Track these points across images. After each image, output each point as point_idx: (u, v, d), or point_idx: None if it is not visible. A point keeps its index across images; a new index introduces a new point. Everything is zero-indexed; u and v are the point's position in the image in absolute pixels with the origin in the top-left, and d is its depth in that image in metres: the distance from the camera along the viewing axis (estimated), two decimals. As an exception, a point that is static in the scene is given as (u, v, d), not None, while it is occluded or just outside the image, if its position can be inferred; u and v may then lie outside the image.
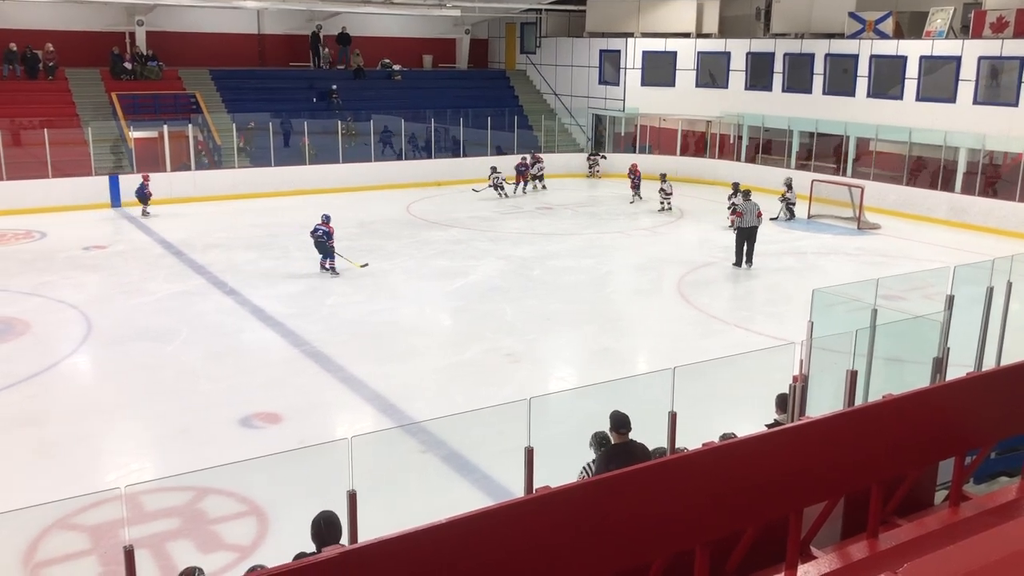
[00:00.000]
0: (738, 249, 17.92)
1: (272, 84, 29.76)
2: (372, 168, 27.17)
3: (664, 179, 23.92)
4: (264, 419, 10.48)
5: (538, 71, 34.08)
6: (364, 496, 5.17)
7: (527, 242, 20.02)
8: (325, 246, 16.23)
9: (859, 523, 5.13)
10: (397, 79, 31.90)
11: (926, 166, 24.78)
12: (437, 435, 9.50)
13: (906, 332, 8.01)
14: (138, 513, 7.82)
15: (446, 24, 33.88)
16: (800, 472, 4.63)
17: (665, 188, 23.67)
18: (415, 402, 10.94)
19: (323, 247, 16.23)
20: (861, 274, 16.98)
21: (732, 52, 29.30)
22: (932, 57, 24.07)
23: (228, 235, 20.34)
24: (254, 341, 13.32)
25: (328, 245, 16.29)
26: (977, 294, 8.17)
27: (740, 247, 17.88)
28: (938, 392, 5.74)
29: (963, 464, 5.57)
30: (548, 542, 3.85)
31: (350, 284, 16.19)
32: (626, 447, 6.68)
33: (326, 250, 16.26)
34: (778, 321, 14.32)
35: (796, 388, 7.14)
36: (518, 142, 30.01)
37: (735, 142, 29.52)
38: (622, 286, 17.46)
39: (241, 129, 26.07)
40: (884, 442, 5.01)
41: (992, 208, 22.11)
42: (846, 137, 25.95)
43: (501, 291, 16.17)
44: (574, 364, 13.11)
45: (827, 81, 26.80)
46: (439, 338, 13.86)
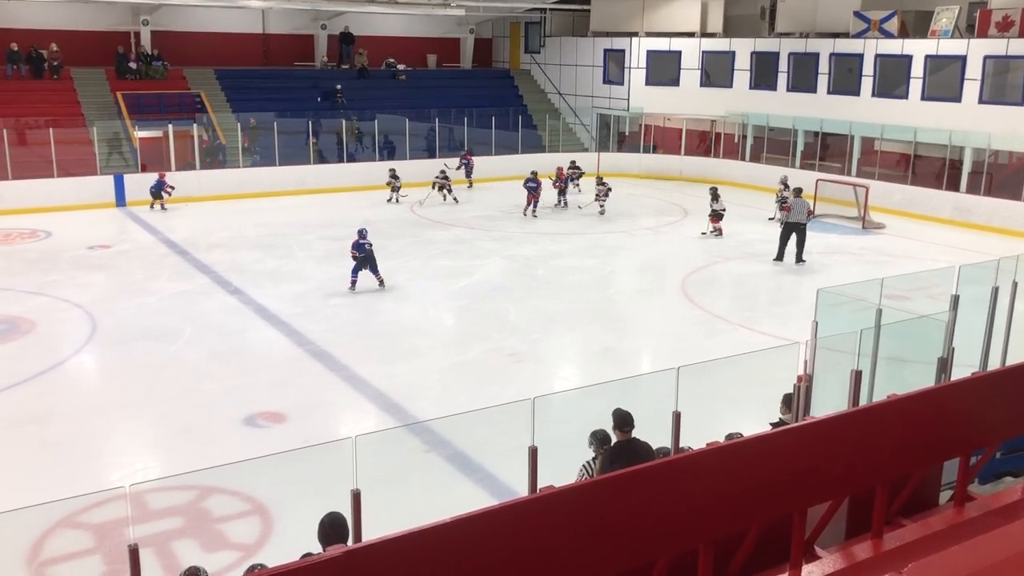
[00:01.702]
0: (782, 244, 18.15)
1: (276, 84, 29.80)
2: (376, 168, 27.17)
3: (601, 181, 23.38)
4: (268, 418, 10.49)
5: (542, 71, 34.07)
6: (368, 495, 5.17)
7: (531, 242, 20.01)
8: (372, 259, 15.60)
9: (864, 523, 5.12)
10: (401, 79, 31.91)
11: (930, 166, 24.74)
12: (441, 435, 9.51)
13: (911, 332, 7.99)
14: (142, 512, 7.83)
15: (450, 23, 33.88)
16: (804, 472, 4.63)
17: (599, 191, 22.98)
18: (419, 401, 10.94)
19: (372, 260, 15.58)
20: (866, 274, 16.96)
21: (736, 51, 29.26)
22: (937, 56, 24.02)
23: (232, 234, 20.37)
24: (258, 340, 13.33)
25: (374, 257, 15.68)
26: (982, 294, 8.14)
27: (784, 242, 18.12)
28: (943, 392, 5.73)
29: (968, 464, 5.55)
30: (552, 541, 3.85)
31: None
32: (629, 445, 6.67)
33: (374, 263, 15.62)
34: (782, 321, 14.30)
35: (800, 388, 7.13)
36: (522, 142, 30.00)
37: (739, 142, 29.48)
38: (625, 286, 17.44)
39: (245, 128, 26.10)
40: (889, 442, 5.00)
41: (997, 208, 22.05)
42: (851, 136, 25.89)
43: (505, 291, 16.17)
44: (578, 364, 13.11)
45: (832, 80, 26.76)
46: (443, 338, 13.87)
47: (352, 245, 15.59)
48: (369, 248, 15.52)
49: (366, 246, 15.50)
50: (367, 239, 15.60)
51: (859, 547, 4.99)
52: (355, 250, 15.53)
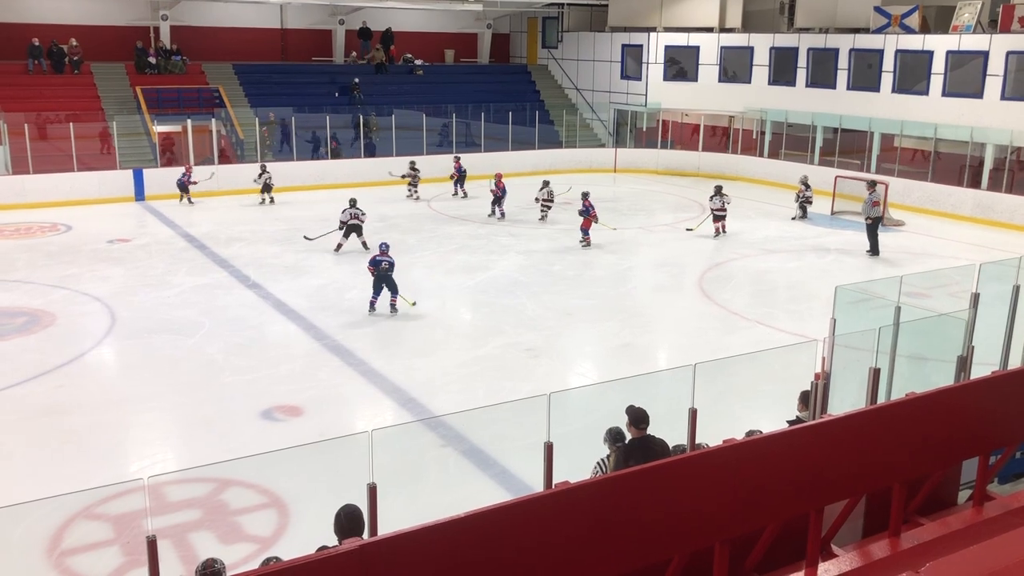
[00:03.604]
0: (875, 238, 18.62)
1: (294, 79, 29.91)
2: (392, 162, 27.20)
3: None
4: (285, 412, 10.55)
5: (560, 66, 33.99)
6: (384, 489, 5.19)
7: (548, 237, 19.99)
8: (391, 279, 14.11)
9: (881, 522, 5.09)
10: (419, 73, 31.94)
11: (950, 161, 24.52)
12: (457, 429, 9.53)
13: (930, 330, 7.93)
14: (160, 504, 7.89)
15: (468, 19, 33.88)
16: (822, 470, 4.61)
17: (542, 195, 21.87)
18: (436, 396, 10.97)
19: (389, 280, 14.08)
20: (885, 271, 16.85)
21: (755, 47, 29.08)
22: (959, 52, 23.78)
23: (251, 229, 20.47)
24: (276, 334, 13.40)
25: (393, 277, 14.17)
26: (1003, 292, 8.07)
27: (874, 235, 18.64)
28: (962, 391, 5.69)
29: (987, 464, 5.51)
30: (567, 537, 3.85)
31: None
32: (644, 442, 6.66)
33: (392, 283, 14.15)
34: (800, 318, 14.23)
35: (818, 386, 7.09)
36: (539, 137, 29.97)
37: (758, 138, 29.31)
38: (643, 282, 17.40)
39: (264, 123, 26.22)
40: (907, 441, 4.97)
41: (1019, 205, 21.82)
42: (870, 133, 25.69)
43: (522, 286, 16.17)
44: (594, 359, 13.09)
45: (851, 76, 26.55)
46: (460, 332, 13.89)
47: (369, 260, 14.40)
48: (386, 267, 14.02)
49: (383, 264, 14.03)
50: (387, 256, 14.13)
51: (876, 546, 4.97)
52: (371, 266, 14.19)
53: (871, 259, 18.32)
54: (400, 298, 14.21)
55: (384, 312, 14.10)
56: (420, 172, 24.39)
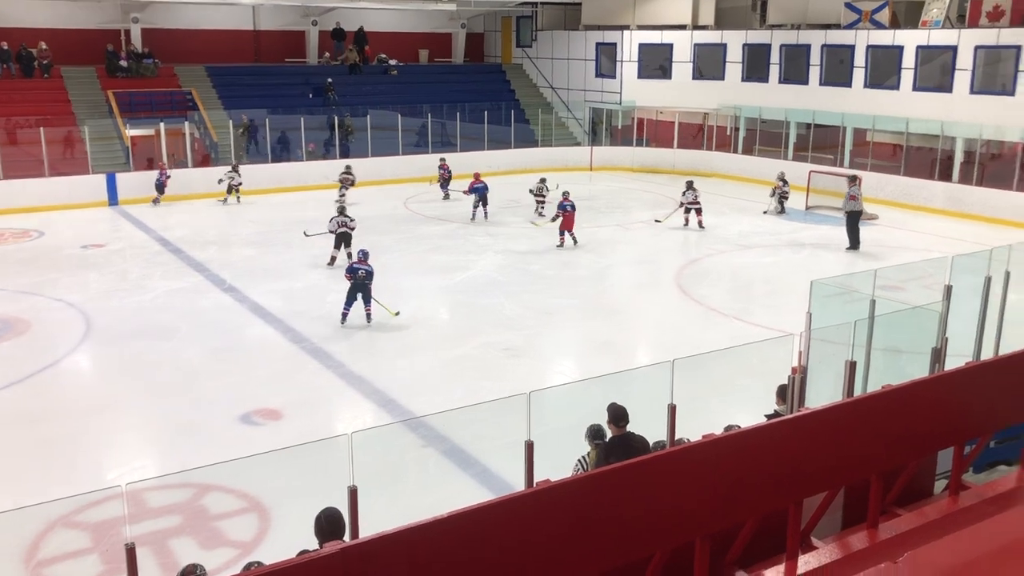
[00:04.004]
0: (853, 232, 18.80)
1: (268, 80, 29.72)
2: (369, 163, 27.15)
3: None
4: (265, 415, 10.49)
5: (534, 65, 34.02)
6: (365, 491, 5.18)
7: (525, 236, 20.01)
8: (367, 288, 13.56)
9: (859, 513, 5.15)
10: (393, 74, 31.86)
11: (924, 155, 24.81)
12: (437, 430, 9.52)
13: (904, 322, 8.02)
14: (139, 510, 7.83)
15: (442, 18, 33.83)
16: (800, 463, 4.65)
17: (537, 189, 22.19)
18: (415, 397, 10.95)
19: (365, 289, 13.52)
20: (859, 265, 17.01)
21: (728, 44, 29.25)
22: (928, 47, 24.05)
23: (226, 232, 20.34)
24: (254, 338, 13.32)
25: (370, 287, 13.61)
26: (975, 284, 8.17)
27: (852, 229, 18.81)
28: (937, 382, 5.76)
29: (962, 454, 5.58)
30: (549, 535, 3.86)
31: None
32: (624, 440, 6.69)
33: (367, 293, 13.58)
34: (777, 312, 14.32)
35: (795, 380, 7.15)
36: (515, 136, 29.99)
37: (732, 134, 29.49)
38: (621, 279, 17.46)
39: (238, 125, 26.04)
40: (883, 432, 5.02)
41: (989, 197, 22.11)
42: (843, 128, 25.92)
43: (500, 285, 16.17)
44: (574, 357, 13.12)
45: (824, 72, 26.78)
46: (438, 333, 13.87)
47: (347, 268, 13.90)
48: (363, 276, 13.49)
49: (360, 272, 13.49)
50: (366, 264, 13.60)
51: (855, 537, 5.02)
52: (348, 274, 13.67)
53: (846, 253, 18.49)
54: (382, 307, 13.79)
55: (359, 322, 13.66)
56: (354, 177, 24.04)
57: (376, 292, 13.66)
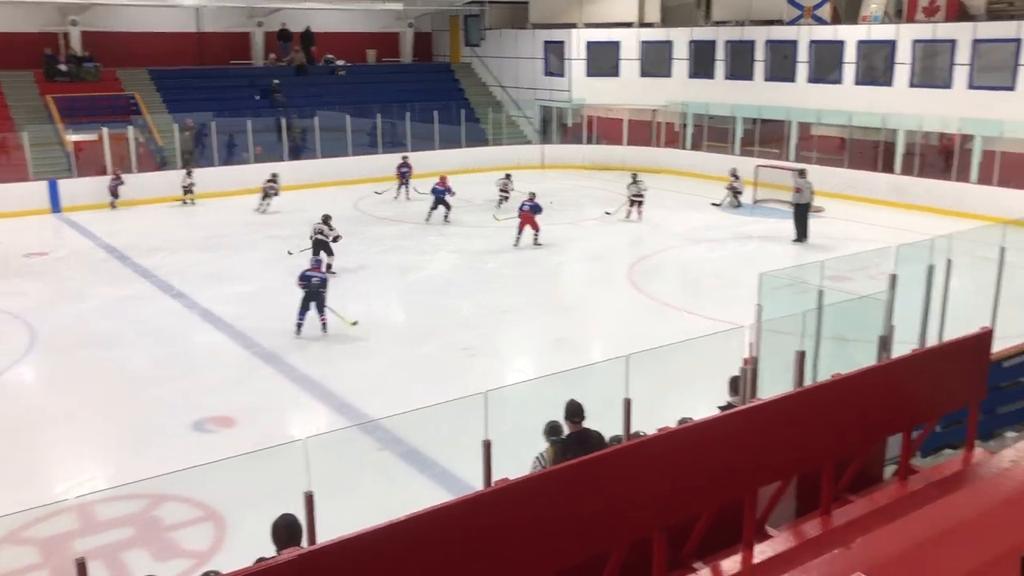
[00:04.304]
0: (798, 224, 19.14)
1: (213, 83, 29.24)
2: (318, 164, 26.89)
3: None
4: (217, 423, 10.34)
5: (483, 63, 34.00)
6: (322, 497, 5.14)
7: (479, 236, 20.00)
8: (321, 297, 13.12)
9: (813, 501, 5.23)
10: (341, 74, 31.60)
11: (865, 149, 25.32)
12: (394, 432, 9.47)
13: (852, 312, 8.17)
14: (90, 524, 7.67)
15: (389, 18, 33.65)
16: (754, 453, 4.71)
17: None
18: (371, 400, 10.88)
19: (319, 298, 13.09)
20: (807, 256, 17.31)
21: (674, 41, 29.54)
22: (869, 42, 24.54)
23: (173, 237, 19.98)
24: (204, 344, 13.12)
25: (324, 295, 13.21)
26: (919, 272, 8.35)
27: (798, 222, 19.15)
28: (884, 370, 5.88)
29: (910, 439, 5.71)
30: (508, 533, 3.86)
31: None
32: (580, 436, 6.73)
33: (321, 301, 13.15)
34: (727, 305, 14.48)
35: (747, 371, 7.25)
36: (466, 135, 29.95)
37: (680, 130, 29.79)
38: (574, 276, 17.53)
39: (183, 129, 25.59)
40: (834, 420, 5.12)
41: (931, 188, 22.65)
42: (788, 122, 26.34)
43: (455, 285, 16.14)
44: (531, 356, 13.15)
45: (768, 67, 27.18)
46: (394, 334, 13.79)
47: (299, 275, 13.30)
48: (317, 284, 13.06)
49: (313, 280, 13.05)
50: (319, 272, 13.25)
51: (809, 524, 5.11)
52: (301, 281, 13.14)
53: (793, 245, 18.80)
54: (338, 316, 13.37)
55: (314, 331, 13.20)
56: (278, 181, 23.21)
57: (330, 295, 13.49)
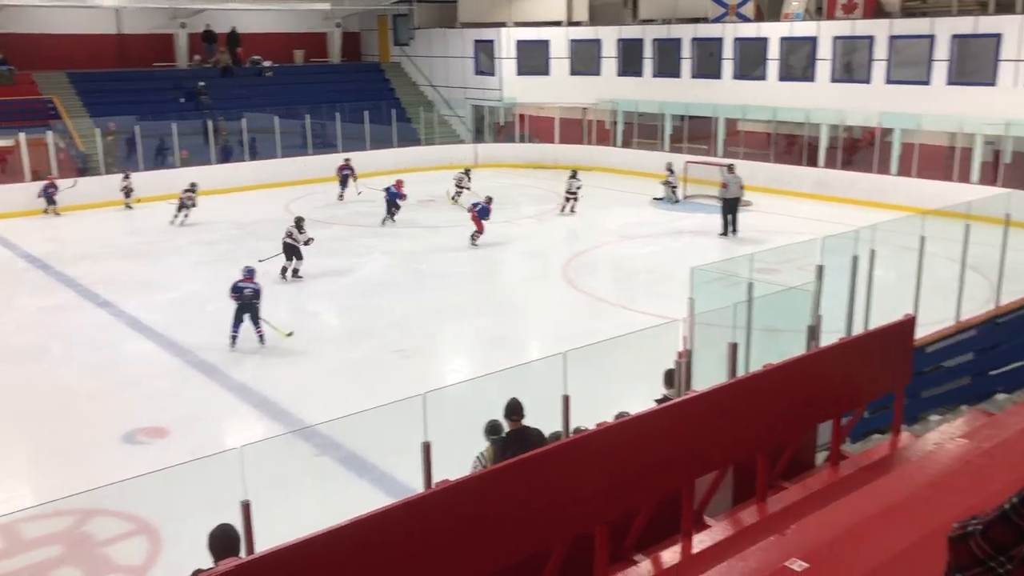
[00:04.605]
0: (724, 219, 19.33)
1: (135, 86, 28.50)
2: (247, 167, 26.44)
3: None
4: (149, 434, 10.09)
5: (413, 63, 33.84)
6: (260, 505, 5.06)
7: (411, 236, 19.90)
8: (255, 308, 12.64)
9: (748, 489, 5.34)
10: (268, 75, 31.12)
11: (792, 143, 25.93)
12: (331, 437, 9.36)
13: (781, 303, 8.36)
14: (16, 544, 7.41)
15: (316, 18, 33.25)
16: (690, 444, 4.79)
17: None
18: (308, 406, 10.74)
19: (252, 309, 12.61)
20: (736, 250, 17.63)
21: (603, 39, 29.81)
22: (791, 39, 25.13)
23: (98, 245, 19.41)
24: (133, 354, 12.79)
25: (258, 306, 12.71)
26: (844, 263, 8.59)
27: (725, 216, 19.32)
28: (813, 359, 6.02)
29: (840, 425, 5.87)
30: (450, 535, 3.86)
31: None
32: (520, 434, 6.75)
33: (255, 313, 12.65)
34: (661, 300, 14.68)
35: (682, 364, 7.36)
36: (397, 135, 29.76)
37: (611, 128, 30.08)
38: (511, 275, 17.58)
39: (105, 133, 24.88)
40: (767, 409, 5.23)
41: (854, 180, 23.30)
42: (715, 118, 26.81)
43: (389, 286, 16.03)
44: (468, 355, 13.14)
45: (695, 65, 27.61)
46: (329, 338, 13.64)
47: (231, 287, 12.80)
48: (250, 295, 12.58)
49: (246, 291, 12.57)
50: (252, 283, 12.68)
51: (745, 513, 5.21)
52: (233, 293, 12.65)
53: (723, 239, 19.15)
54: (272, 328, 12.86)
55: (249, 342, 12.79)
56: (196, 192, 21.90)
57: (264, 301, 13.14)
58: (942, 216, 10.53)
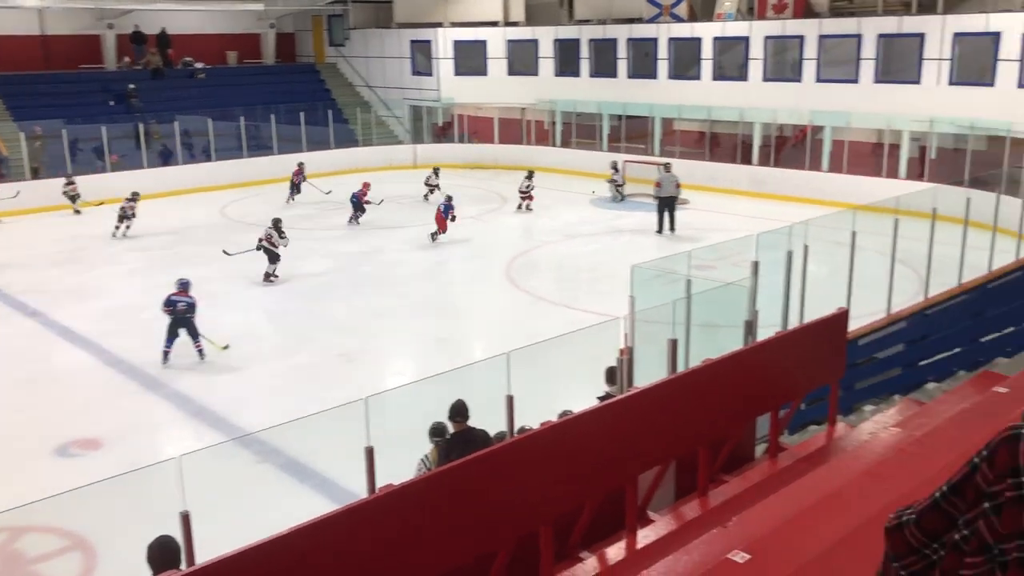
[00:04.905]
0: (660, 217, 19.63)
1: (61, 88, 27.69)
2: (180, 171, 25.89)
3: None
4: (83, 446, 9.82)
5: (349, 64, 33.54)
6: (201, 516, 4.96)
7: (351, 238, 19.72)
8: (190, 322, 12.13)
9: (690, 483, 5.41)
10: (201, 77, 30.54)
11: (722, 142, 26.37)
12: (272, 444, 9.22)
13: (719, 299, 8.49)
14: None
15: (249, 19, 32.73)
16: (633, 441, 4.83)
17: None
18: (247, 413, 10.56)
19: (187, 324, 12.11)
20: (675, 247, 17.87)
21: (540, 39, 29.91)
22: (724, 38, 25.54)
23: (25, 252, 18.81)
24: (65, 364, 12.43)
25: (193, 320, 12.20)
26: (778, 258, 8.76)
27: (660, 215, 19.63)
28: (750, 353, 6.13)
29: (778, 418, 5.98)
30: (395, 540, 3.83)
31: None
32: (464, 435, 6.74)
33: (191, 327, 12.16)
34: (602, 298, 14.78)
35: (623, 361, 7.42)
36: (335, 137, 29.46)
37: (550, 128, 30.21)
38: (453, 276, 17.53)
39: (30, 137, 24.12)
40: (707, 404, 5.30)
41: (787, 177, 23.79)
42: (652, 118, 27.12)
43: (330, 289, 15.86)
44: (411, 358, 13.07)
45: (631, 65, 27.89)
46: (268, 343, 13.44)
47: (164, 301, 12.24)
48: (184, 309, 12.05)
49: (179, 305, 12.03)
50: (186, 296, 12.14)
51: (688, 507, 5.27)
52: (166, 307, 12.12)
53: (663, 237, 19.38)
54: (207, 342, 12.41)
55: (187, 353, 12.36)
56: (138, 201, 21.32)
57: (200, 307, 12.75)
58: (872, 211, 10.79)
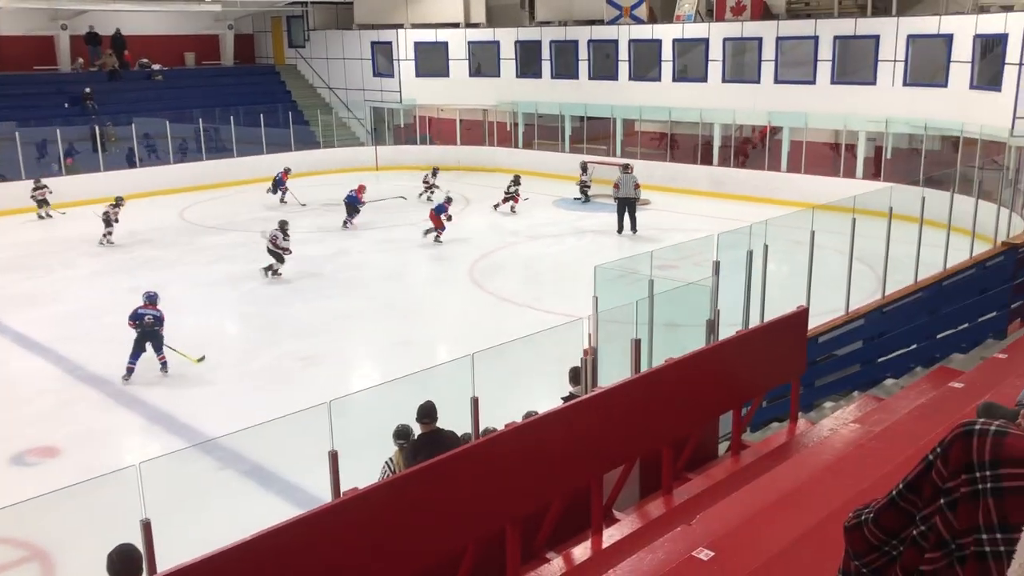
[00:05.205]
0: (619, 218, 19.83)
1: (14, 90, 27.15)
2: (138, 174, 25.51)
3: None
4: (39, 454, 9.64)
5: (309, 65, 33.29)
6: (162, 524, 4.89)
7: (315, 240, 19.56)
8: (157, 336, 11.84)
9: (655, 482, 5.45)
10: (158, 79, 30.13)
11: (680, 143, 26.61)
12: (235, 450, 9.12)
13: (681, 298, 8.56)
14: None
15: (207, 19, 32.35)
16: (597, 440, 4.86)
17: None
18: (208, 418, 10.43)
19: (155, 337, 11.81)
20: (637, 248, 17.98)
21: (501, 41, 29.93)
22: (684, 40, 25.77)
23: (-24, 258, 18.43)
24: (19, 371, 12.19)
25: (161, 334, 11.91)
26: (739, 258, 8.85)
27: (620, 216, 19.81)
28: (713, 352, 6.20)
29: (740, 415, 6.05)
30: (361, 543, 3.81)
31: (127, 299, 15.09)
32: (432, 437, 6.72)
33: (158, 341, 11.88)
34: (566, 298, 14.83)
35: (587, 361, 7.46)
36: (295, 138, 29.22)
37: (512, 129, 30.24)
38: (417, 277, 17.47)
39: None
40: (670, 402, 5.35)
41: (747, 178, 24.07)
42: (613, 119, 27.27)
43: (293, 292, 15.73)
44: (376, 360, 13.00)
45: (592, 66, 28.02)
46: (229, 348, 13.29)
47: (130, 315, 11.88)
48: (151, 322, 11.74)
49: (147, 318, 11.73)
50: (154, 309, 11.86)
51: (652, 505, 5.32)
52: (132, 321, 11.78)
53: (625, 238, 19.50)
54: (181, 355, 12.11)
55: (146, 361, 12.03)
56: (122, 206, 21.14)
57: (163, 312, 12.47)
58: (830, 210, 10.95)
